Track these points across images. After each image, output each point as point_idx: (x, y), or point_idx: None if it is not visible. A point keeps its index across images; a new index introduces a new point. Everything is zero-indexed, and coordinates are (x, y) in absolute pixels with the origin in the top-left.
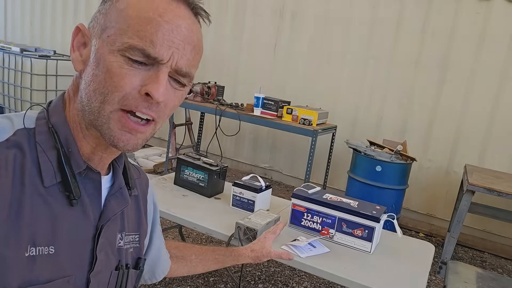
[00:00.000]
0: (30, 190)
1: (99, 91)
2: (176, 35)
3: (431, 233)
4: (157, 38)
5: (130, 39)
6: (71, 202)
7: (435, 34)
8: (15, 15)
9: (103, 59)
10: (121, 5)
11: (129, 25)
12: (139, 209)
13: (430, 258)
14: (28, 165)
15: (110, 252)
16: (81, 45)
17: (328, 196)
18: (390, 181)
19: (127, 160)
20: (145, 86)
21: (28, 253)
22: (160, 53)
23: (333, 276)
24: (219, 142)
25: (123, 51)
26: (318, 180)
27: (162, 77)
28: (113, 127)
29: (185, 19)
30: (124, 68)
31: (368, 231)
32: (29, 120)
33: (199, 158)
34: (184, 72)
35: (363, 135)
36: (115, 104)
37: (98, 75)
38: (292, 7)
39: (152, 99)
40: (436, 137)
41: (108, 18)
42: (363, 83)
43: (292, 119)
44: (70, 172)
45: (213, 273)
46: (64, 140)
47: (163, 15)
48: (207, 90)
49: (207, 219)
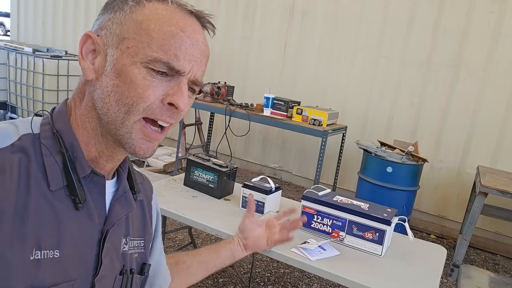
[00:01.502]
0: (35, 194)
1: (123, 102)
2: (196, 49)
3: (443, 235)
4: (181, 52)
5: (155, 52)
6: (76, 206)
7: (447, 33)
8: (27, 16)
9: (125, 71)
10: (139, 16)
11: (152, 38)
12: (144, 214)
13: (442, 261)
14: (33, 169)
15: (115, 257)
16: (89, 52)
17: (339, 198)
18: (401, 182)
19: (131, 165)
20: (168, 97)
21: (33, 256)
22: (183, 66)
23: (343, 279)
24: (228, 142)
25: (147, 63)
26: (328, 181)
27: (185, 89)
28: (135, 136)
29: (200, 33)
30: (147, 80)
31: (379, 234)
32: (34, 126)
33: (209, 159)
34: (199, 82)
35: (373, 136)
36: (140, 113)
37: (120, 86)
38: (302, 6)
39: (176, 109)
40: (448, 138)
41: (125, 28)
42: (373, 83)
43: (302, 120)
44: (76, 176)
45: (222, 274)
46: (69, 145)
47: (185, 30)
48: (217, 90)
49: (217, 221)
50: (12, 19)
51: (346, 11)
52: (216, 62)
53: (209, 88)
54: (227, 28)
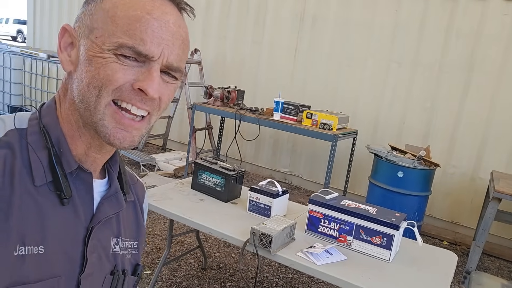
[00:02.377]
0: (20, 190)
1: (93, 85)
2: (165, 32)
3: (456, 241)
4: (147, 35)
5: (120, 38)
6: (62, 201)
7: (460, 36)
8: (43, 23)
9: (95, 58)
10: (106, 5)
11: (117, 24)
12: (137, 215)
13: (452, 268)
14: (18, 165)
15: (104, 256)
16: (68, 45)
17: (346, 202)
18: (412, 187)
19: (123, 165)
20: (138, 82)
21: (17, 252)
22: (150, 50)
23: (349, 284)
24: (238, 147)
25: (114, 50)
26: (338, 186)
27: (156, 74)
28: (108, 124)
29: (172, 15)
30: (117, 63)
31: (387, 239)
32: (22, 121)
33: (216, 163)
34: (175, 67)
35: (384, 140)
36: (109, 95)
37: (91, 71)
38: (313, 11)
39: (146, 95)
40: (461, 142)
41: (94, 18)
42: (385, 87)
43: (312, 124)
44: (61, 172)
45: (229, 278)
46: (56, 140)
47: (151, 13)
48: (227, 95)
49: (223, 224)
50: (28, 26)
51: (357, 16)
52: (227, 66)
53: (219, 92)
54: (238, 33)
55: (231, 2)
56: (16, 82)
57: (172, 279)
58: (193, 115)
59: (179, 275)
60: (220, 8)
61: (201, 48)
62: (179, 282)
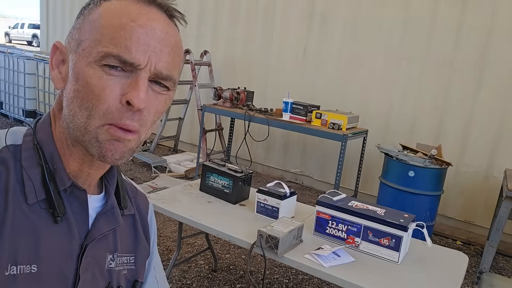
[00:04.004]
0: (12, 208)
1: (84, 106)
2: (152, 38)
3: (470, 241)
4: (132, 43)
5: (105, 47)
6: (55, 219)
7: (472, 32)
8: (56, 27)
9: (81, 73)
10: (93, 16)
11: (102, 34)
12: (136, 229)
13: (462, 269)
14: (12, 183)
15: (98, 273)
16: (59, 63)
17: (354, 203)
18: (424, 187)
19: (121, 178)
20: (125, 95)
21: (9, 271)
22: (136, 58)
23: (357, 287)
24: (248, 148)
25: (99, 60)
26: (349, 186)
27: (142, 83)
28: (101, 139)
29: (159, 21)
30: (103, 79)
31: (395, 240)
32: (17, 137)
33: (224, 165)
34: (164, 76)
35: (396, 139)
36: (101, 118)
37: (79, 90)
38: (321, 9)
39: (133, 107)
40: (473, 141)
41: (82, 31)
42: (395, 85)
43: (321, 124)
44: (54, 189)
45: (239, 279)
46: (49, 157)
47: (136, 20)
48: (236, 96)
49: (231, 226)
50: (42, 30)
51: (366, 13)
52: (236, 68)
53: (228, 93)
54: (247, 34)
55: (240, 4)
56: (30, 86)
57: (183, 281)
58: (203, 117)
59: (189, 276)
60: (229, 10)
61: (210, 50)
62: (189, 283)
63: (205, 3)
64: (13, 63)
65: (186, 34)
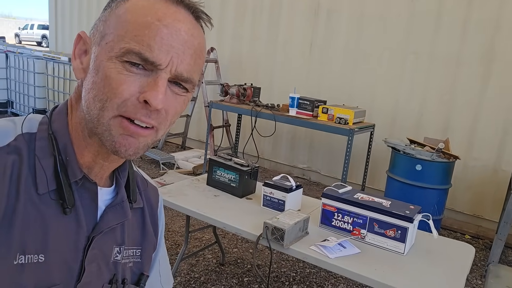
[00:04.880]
0: (24, 197)
1: (98, 98)
2: (176, 39)
3: (478, 235)
4: (155, 42)
5: (127, 44)
6: (64, 211)
7: (479, 26)
8: (64, 26)
9: (102, 66)
10: (120, 10)
11: (127, 30)
12: (144, 222)
13: (469, 261)
14: (24, 172)
15: (104, 265)
16: (82, 53)
17: (360, 195)
18: (431, 181)
19: (132, 171)
20: (143, 93)
21: (17, 261)
22: (158, 58)
23: (363, 277)
24: (255, 143)
25: (121, 56)
26: (357, 180)
27: (161, 84)
28: (114, 133)
29: (185, 23)
30: (122, 74)
31: (401, 232)
32: (32, 125)
33: (231, 159)
34: (185, 78)
35: (403, 134)
36: (114, 110)
37: (97, 82)
38: (327, 5)
39: (150, 106)
40: (481, 134)
41: (107, 24)
42: (402, 80)
43: (328, 119)
44: (65, 181)
45: (247, 273)
46: (63, 148)
47: (162, 19)
48: (242, 92)
49: (237, 219)
50: (51, 30)
51: (372, 8)
52: (243, 64)
53: (235, 90)
54: (253, 31)
55: (246, 1)
56: (39, 85)
57: (191, 274)
58: (210, 113)
59: (197, 270)
60: (235, 7)
61: (217, 46)
62: (197, 277)
63: (211, 2)
64: (23, 63)
65: None
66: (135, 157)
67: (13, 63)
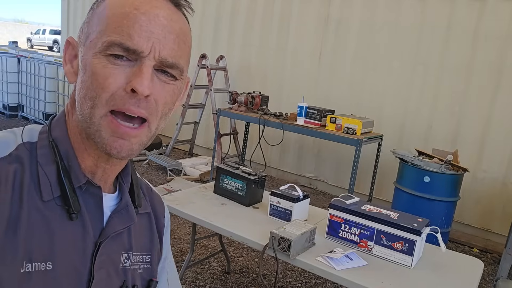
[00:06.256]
0: (28, 205)
1: (88, 96)
2: (155, 25)
3: (487, 248)
4: (135, 30)
5: (109, 37)
6: (70, 216)
7: (489, 37)
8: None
9: (88, 64)
10: (100, 8)
11: (106, 24)
12: (151, 228)
13: (477, 275)
14: (27, 180)
15: (113, 272)
16: (72, 58)
17: (367, 207)
18: (439, 193)
19: (135, 177)
20: (129, 83)
21: (24, 269)
22: (139, 45)
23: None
24: (262, 152)
25: (104, 50)
26: (364, 191)
27: (146, 70)
28: (104, 134)
29: (163, 8)
30: (108, 68)
31: (408, 245)
32: (32, 134)
33: (238, 167)
34: (170, 63)
35: (411, 145)
36: (104, 106)
37: (85, 81)
38: (337, 15)
39: (138, 94)
40: (491, 147)
41: (90, 25)
42: (411, 90)
43: (336, 128)
44: (70, 186)
45: (252, 282)
46: (65, 154)
47: (139, 8)
48: (251, 100)
49: (244, 228)
50: (62, 35)
51: (381, 18)
52: (252, 72)
53: (243, 97)
54: (263, 40)
55: (256, 9)
56: (50, 90)
57: (196, 282)
58: (218, 121)
59: (202, 278)
60: (245, 15)
61: (226, 54)
62: (202, 285)
63: (221, 8)
64: (34, 67)
65: (202, 39)
66: (130, 157)
67: (25, 67)
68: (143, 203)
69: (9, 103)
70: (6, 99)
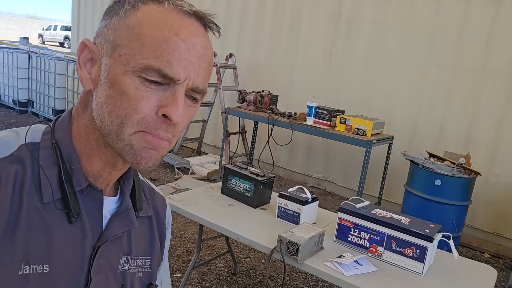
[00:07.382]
0: (27, 206)
1: (115, 114)
2: (193, 54)
3: (498, 254)
4: (174, 58)
5: (146, 59)
6: (69, 220)
7: (504, 38)
8: (86, 28)
9: (117, 80)
10: (132, 21)
11: (143, 44)
12: (152, 231)
13: (491, 283)
14: (28, 181)
15: (111, 275)
16: (87, 61)
17: (377, 211)
18: (451, 196)
19: (138, 179)
20: (162, 108)
21: (22, 271)
22: (177, 73)
23: None
24: (271, 151)
25: (139, 72)
26: (373, 193)
27: (181, 98)
28: (136, 146)
29: (199, 36)
30: (140, 90)
31: (420, 251)
32: (35, 135)
33: (246, 168)
34: (200, 90)
35: (422, 147)
36: (134, 126)
37: (113, 97)
38: (348, 14)
39: (170, 121)
40: (504, 150)
41: (118, 35)
42: (422, 92)
43: (346, 129)
44: (70, 189)
45: (259, 284)
46: (67, 157)
47: (179, 33)
48: (260, 99)
49: (251, 230)
50: (73, 32)
51: (394, 18)
52: (261, 71)
53: (252, 96)
54: (273, 37)
55: (266, 9)
56: (60, 86)
57: (202, 283)
58: (227, 119)
59: (208, 279)
60: (255, 14)
61: (236, 53)
62: (208, 286)
63: (231, 7)
64: (45, 64)
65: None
66: (152, 168)
67: (35, 63)
68: (145, 206)
69: (19, 99)
70: (17, 94)
